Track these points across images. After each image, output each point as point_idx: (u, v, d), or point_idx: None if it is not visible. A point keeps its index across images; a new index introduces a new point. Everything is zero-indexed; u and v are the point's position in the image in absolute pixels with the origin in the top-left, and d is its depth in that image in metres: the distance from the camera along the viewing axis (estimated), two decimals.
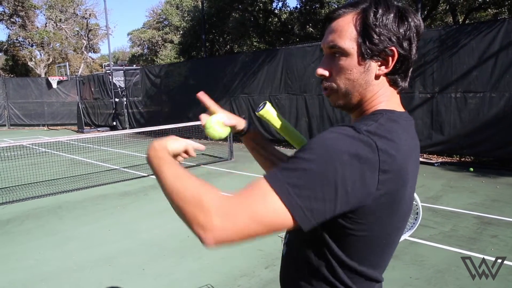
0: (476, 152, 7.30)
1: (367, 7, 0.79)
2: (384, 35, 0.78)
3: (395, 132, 0.76)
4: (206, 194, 0.68)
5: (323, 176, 0.67)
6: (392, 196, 0.74)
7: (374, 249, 0.80)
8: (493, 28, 6.71)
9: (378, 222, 0.75)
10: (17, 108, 18.85)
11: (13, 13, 24.42)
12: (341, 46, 0.80)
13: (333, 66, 0.83)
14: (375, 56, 0.79)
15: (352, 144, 0.69)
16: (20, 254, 3.77)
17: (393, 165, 0.71)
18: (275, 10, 15.68)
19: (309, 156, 0.68)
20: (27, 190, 6.23)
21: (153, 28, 30.30)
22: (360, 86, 0.81)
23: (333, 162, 0.67)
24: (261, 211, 0.66)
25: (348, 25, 0.80)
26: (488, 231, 3.96)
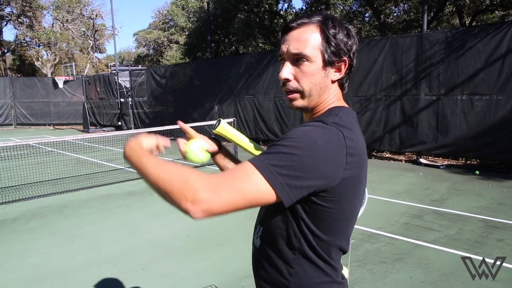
0: (482, 155, 7.24)
1: (324, 21, 0.93)
2: (340, 46, 0.93)
3: (352, 123, 0.92)
4: (191, 174, 0.75)
5: (301, 158, 0.78)
6: (356, 175, 0.88)
7: (342, 223, 0.93)
8: (500, 30, 6.66)
9: (346, 198, 0.89)
10: (24, 107, 19.01)
11: (21, 13, 24.63)
12: (307, 53, 0.92)
13: (297, 71, 0.95)
14: (333, 64, 0.95)
15: (324, 133, 0.83)
16: (26, 253, 3.80)
17: (356, 150, 0.87)
18: (280, 11, 15.68)
19: (288, 143, 0.81)
20: (33, 189, 6.28)
21: (159, 29, 30.42)
22: (320, 89, 0.96)
23: (309, 146, 0.80)
24: (245, 187, 0.76)
25: (311, 36, 0.92)
26: (494, 235, 3.93)
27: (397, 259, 3.41)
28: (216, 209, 0.73)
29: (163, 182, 0.76)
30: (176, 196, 0.74)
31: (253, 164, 0.78)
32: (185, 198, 0.72)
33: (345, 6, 14.50)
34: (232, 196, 0.75)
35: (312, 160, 0.79)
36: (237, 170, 0.79)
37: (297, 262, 0.93)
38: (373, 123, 8.37)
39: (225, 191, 0.74)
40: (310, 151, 0.79)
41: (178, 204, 0.74)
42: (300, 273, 0.93)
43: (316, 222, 0.89)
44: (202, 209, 0.72)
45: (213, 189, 0.73)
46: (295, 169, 0.78)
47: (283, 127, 10.29)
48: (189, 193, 0.72)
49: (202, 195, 0.72)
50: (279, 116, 10.35)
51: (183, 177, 0.75)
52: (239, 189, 0.75)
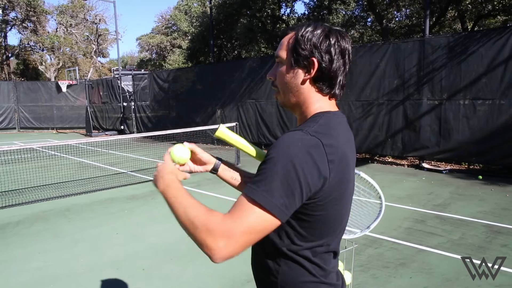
0: (485, 160, 7.22)
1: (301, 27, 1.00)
2: (306, 49, 0.97)
3: (333, 128, 0.95)
4: (210, 220, 0.84)
5: (288, 176, 0.84)
6: (341, 179, 0.93)
7: (329, 225, 0.97)
8: (502, 35, 6.67)
9: (332, 202, 0.93)
10: (27, 111, 19.11)
11: (25, 18, 24.84)
12: (279, 55, 1.03)
13: (276, 72, 1.05)
14: (300, 64, 0.99)
15: (303, 146, 0.87)
16: (29, 256, 3.81)
17: (337, 155, 0.90)
18: (283, 16, 15.75)
19: (271, 165, 0.86)
20: (36, 193, 6.30)
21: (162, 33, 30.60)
22: (292, 88, 1.01)
23: (292, 163, 0.84)
24: (253, 223, 0.84)
25: (286, 40, 1.02)
26: (497, 240, 3.91)
27: (400, 264, 3.40)
28: (234, 252, 0.83)
29: (190, 226, 0.88)
30: (198, 241, 0.85)
31: (251, 197, 0.84)
32: (206, 245, 0.83)
33: (347, 11, 14.55)
34: (245, 236, 0.83)
35: (298, 175, 0.84)
36: (242, 207, 0.85)
37: (283, 261, 0.98)
38: (376, 128, 8.37)
39: (239, 234, 0.82)
40: (294, 168, 0.84)
41: (200, 248, 0.85)
42: (285, 271, 0.99)
43: (302, 225, 0.94)
44: (222, 256, 0.82)
45: (228, 236, 0.82)
46: (286, 188, 0.84)
47: (285, 131, 10.24)
48: (209, 242, 0.82)
49: (220, 243, 0.82)
50: (282, 120, 10.37)
51: (205, 224, 0.84)
52: (249, 227, 0.83)
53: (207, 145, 11.94)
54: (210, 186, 6.49)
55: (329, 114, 0.99)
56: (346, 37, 1.00)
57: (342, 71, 1.00)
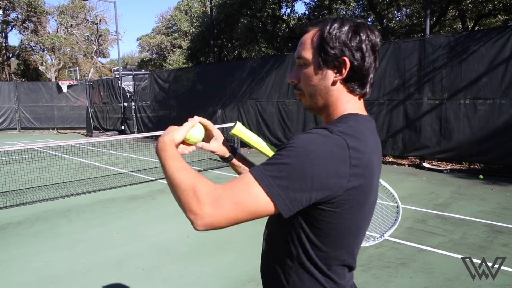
0: (485, 160, 7.22)
1: (325, 24, 0.93)
2: (336, 47, 0.90)
3: (361, 132, 0.88)
4: (199, 184, 0.79)
5: (301, 170, 0.77)
6: (362, 188, 0.84)
7: (345, 236, 0.90)
8: (503, 34, 6.67)
9: (350, 211, 0.85)
10: (28, 111, 19.13)
11: (26, 18, 24.88)
12: (303, 56, 0.94)
13: (300, 74, 0.97)
14: (330, 65, 0.91)
15: (326, 143, 0.81)
16: (30, 256, 3.81)
17: (362, 161, 0.83)
18: (283, 16, 15.75)
19: (288, 153, 0.80)
20: (37, 193, 6.31)
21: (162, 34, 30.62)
22: (321, 91, 0.94)
23: (310, 157, 0.78)
24: (245, 200, 0.77)
25: (309, 39, 0.94)
26: (498, 240, 3.90)
27: (401, 264, 3.40)
28: (217, 223, 0.77)
29: (176, 185, 0.82)
30: (184, 205, 0.79)
31: (253, 176, 0.79)
32: (189, 208, 0.77)
33: (347, 11, 14.55)
34: (233, 210, 0.77)
35: (312, 171, 0.77)
36: (239, 182, 0.80)
37: (295, 271, 0.92)
38: (376, 128, 8.35)
39: (226, 205, 0.77)
40: (310, 162, 0.78)
41: (184, 212, 0.79)
42: (296, 282, 0.92)
43: (316, 232, 0.87)
44: (204, 223, 0.76)
45: (215, 203, 0.76)
46: (295, 180, 0.77)
47: (286, 131, 10.31)
48: (193, 204, 0.77)
49: (204, 208, 0.76)
50: (282, 120, 10.37)
51: (192, 185, 0.79)
52: (240, 202, 0.77)
53: None
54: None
55: (358, 117, 0.93)
56: (375, 30, 0.93)
57: (373, 67, 0.94)
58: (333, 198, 0.81)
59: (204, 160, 8.99)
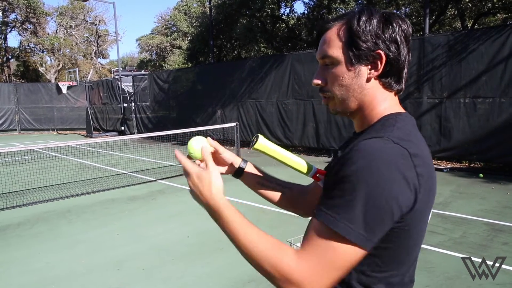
0: (485, 158, 7.22)
1: (351, 16, 0.84)
2: (368, 40, 0.81)
3: (413, 134, 0.80)
4: (283, 263, 0.71)
5: (374, 200, 0.69)
6: (428, 195, 0.77)
7: (411, 250, 0.82)
8: (502, 33, 6.67)
9: (416, 221, 0.78)
10: (28, 113, 19.13)
11: (25, 20, 24.89)
12: (331, 55, 0.84)
13: (326, 75, 0.87)
14: (364, 61, 0.82)
15: (388, 159, 0.71)
16: (30, 257, 3.81)
17: (424, 167, 0.75)
18: (282, 16, 15.75)
19: (351, 186, 0.70)
20: (37, 194, 6.30)
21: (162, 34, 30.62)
22: (354, 90, 0.84)
23: (378, 180, 0.69)
24: (337, 260, 0.71)
25: (335, 36, 0.84)
26: (499, 238, 3.90)
27: None
28: None
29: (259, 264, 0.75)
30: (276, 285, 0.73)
31: (331, 228, 0.71)
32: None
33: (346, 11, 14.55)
34: (331, 275, 0.71)
35: (386, 193, 0.69)
36: (320, 240, 0.72)
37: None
38: None
39: (323, 275, 0.70)
40: (380, 185, 0.69)
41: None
42: None
43: (379, 253, 0.77)
44: None
45: (311, 279, 0.70)
46: (374, 212, 0.70)
47: (285, 131, 10.30)
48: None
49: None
50: (282, 120, 10.37)
51: (278, 270, 0.72)
52: (334, 265, 0.71)
53: None
54: None
55: (402, 117, 0.84)
56: (405, 19, 0.85)
57: (408, 60, 0.85)
58: (405, 214, 0.73)
59: None
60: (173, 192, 6.25)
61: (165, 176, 7.47)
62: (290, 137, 10.23)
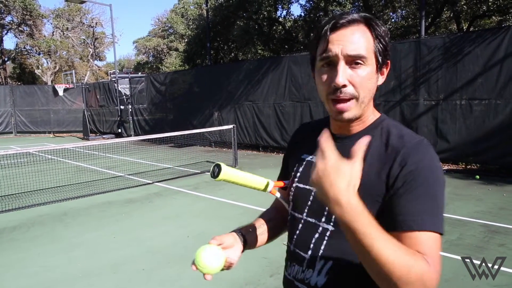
0: (482, 160, 7.25)
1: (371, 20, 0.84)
2: (387, 48, 0.85)
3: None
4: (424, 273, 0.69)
5: (444, 197, 0.81)
6: None
7: None
8: (497, 35, 6.71)
9: None
10: (24, 115, 19.04)
11: (21, 22, 24.80)
12: (365, 55, 0.81)
13: (353, 76, 0.82)
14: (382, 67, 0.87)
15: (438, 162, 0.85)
16: (26, 261, 3.78)
17: None
18: (279, 18, 15.79)
19: (442, 188, 0.81)
20: (32, 197, 6.27)
21: (159, 36, 30.61)
22: (372, 93, 0.87)
23: (443, 181, 0.82)
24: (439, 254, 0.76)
25: (364, 36, 0.82)
26: (495, 240, 3.91)
27: None
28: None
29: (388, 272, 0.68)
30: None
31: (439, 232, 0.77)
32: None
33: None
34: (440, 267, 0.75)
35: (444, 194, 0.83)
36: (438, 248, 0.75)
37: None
38: None
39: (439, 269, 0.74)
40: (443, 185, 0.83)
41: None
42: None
43: None
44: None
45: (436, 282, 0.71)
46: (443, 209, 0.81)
47: (283, 133, 10.31)
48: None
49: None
50: (279, 122, 10.37)
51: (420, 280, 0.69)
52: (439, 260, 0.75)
53: (205, 147, 11.94)
54: (208, 189, 6.47)
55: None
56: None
57: None
58: None
59: (201, 163, 8.97)
60: (170, 195, 6.24)
61: (162, 178, 7.45)
62: (287, 139, 10.21)
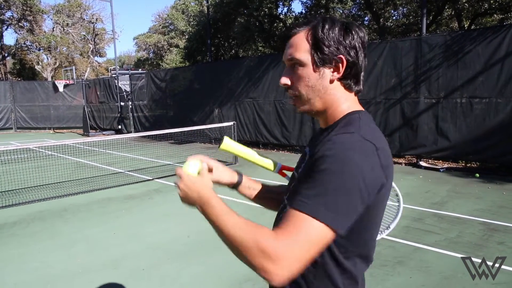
0: (482, 158, 7.25)
1: (316, 24, 0.94)
2: (332, 46, 0.91)
3: (375, 129, 0.92)
4: (261, 240, 0.78)
5: (348, 187, 0.79)
6: (389, 184, 0.89)
7: (373, 231, 0.93)
8: (499, 33, 6.69)
9: (379, 206, 0.89)
10: (24, 111, 19.03)
11: (21, 17, 24.73)
12: (298, 58, 0.93)
13: (293, 76, 0.96)
14: (327, 64, 0.93)
15: (361, 152, 0.81)
16: (26, 257, 3.79)
17: (388, 159, 0.87)
18: (280, 15, 15.74)
19: (329, 176, 0.79)
20: (33, 193, 6.27)
21: (159, 33, 30.53)
22: (319, 91, 0.94)
23: (351, 172, 0.79)
24: (311, 240, 0.78)
25: (302, 40, 0.94)
26: (494, 238, 3.92)
27: (398, 262, 3.41)
28: (297, 271, 0.78)
29: (238, 247, 0.82)
30: (255, 266, 0.78)
31: (307, 214, 0.78)
32: (262, 269, 0.77)
33: (344, 10, 14.56)
34: (304, 254, 0.77)
35: (358, 183, 0.79)
36: (296, 223, 0.78)
37: (318, 277, 0.90)
38: None
39: (297, 253, 0.77)
40: (354, 176, 0.79)
41: (258, 273, 0.78)
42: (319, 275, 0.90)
43: (347, 236, 0.84)
44: (284, 276, 0.76)
45: (288, 256, 0.76)
46: (347, 200, 0.79)
47: (283, 130, 10.30)
48: (265, 264, 0.76)
49: (280, 263, 0.76)
50: (279, 119, 10.37)
51: (255, 245, 0.78)
52: (307, 244, 0.77)
53: (205, 144, 11.94)
54: None
55: (362, 114, 0.95)
56: (362, 28, 0.96)
57: (364, 64, 0.97)
58: (373, 201, 0.84)
59: None
60: (170, 191, 6.25)
61: (162, 175, 7.46)
62: (288, 137, 10.24)
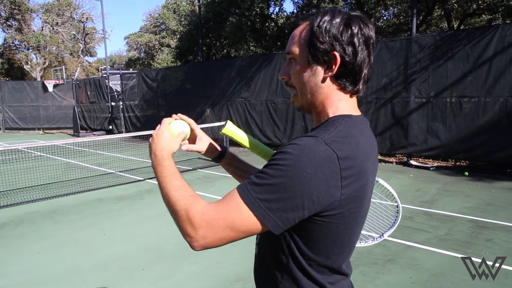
0: (471, 157, 7.35)
1: (315, 17, 0.87)
2: (326, 41, 0.84)
3: (353, 137, 0.82)
4: (192, 207, 0.80)
5: (291, 189, 0.75)
6: (355, 196, 0.81)
7: (337, 244, 0.87)
8: (487, 33, 6.79)
9: (342, 220, 0.82)
10: (12, 111, 18.74)
11: (9, 16, 24.34)
12: (293, 52, 0.89)
13: (290, 71, 0.92)
14: (319, 61, 0.86)
15: (314, 158, 0.76)
16: (15, 259, 3.74)
17: (353, 170, 0.79)
18: (272, 14, 15.75)
19: (276, 173, 0.76)
20: (22, 194, 6.19)
21: (150, 32, 30.32)
22: (311, 88, 0.89)
23: (299, 176, 0.75)
24: (237, 221, 0.78)
25: (299, 34, 0.89)
26: (483, 235, 3.98)
27: (388, 260, 3.44)
28: (212, 244, 0.79)
29: (171, 208, 0.85)
30: (179, 227, 0.82)
31: (242, 198, 0.78)
32: (185, 232, 0.80)
33: None
34: (226, 231, 0.78)
35: (303, 190, 0.75)
36: (229, 202, 0.79)
37: (286, 278, 0.89)
38: None
39: (219, 227, 0.78)
40: (300, 181, 0.74)
41: (182, 234, 0.82)
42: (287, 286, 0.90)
43: (306, 242, 0.84)
44: (200, 245, 0.79)
45: (208, 227, 0.78)
46: (285, 201, 0.75)
47: (275, 130, 10.32)
48: (188, 228, 0.79)
49: (198, 231, 0.78)
50: (271, 119, 10.38)
51: (185, 209, 0.81)
52: (231, 224, 0.78)
53: None
54: (200, 186, 6.46)
55: (350, 119, 0.87)
56: (369, 23, 0.87)
57: (367, 63, 0.87)
58: (325, 211, 0.79)
59: (193, 160, 8.94)
60: None
61: (153, 175, 7.37)
62: (280, 136, 10.26)
